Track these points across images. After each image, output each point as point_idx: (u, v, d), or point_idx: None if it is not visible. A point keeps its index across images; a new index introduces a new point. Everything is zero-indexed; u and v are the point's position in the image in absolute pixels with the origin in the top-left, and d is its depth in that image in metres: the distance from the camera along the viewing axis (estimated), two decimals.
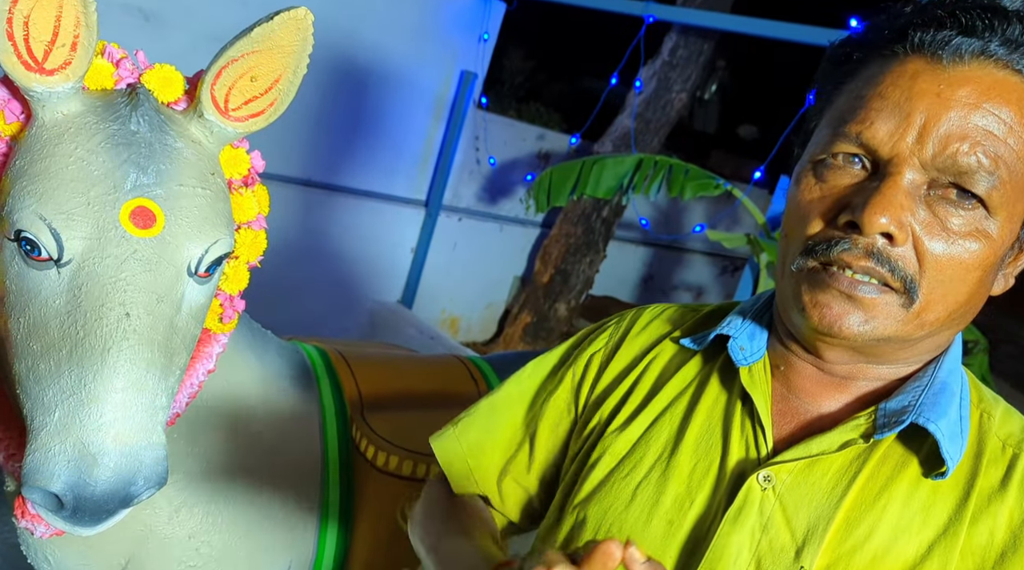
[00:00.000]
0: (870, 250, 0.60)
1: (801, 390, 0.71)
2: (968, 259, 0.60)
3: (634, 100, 3.99)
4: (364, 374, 1.32)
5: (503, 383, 0.91)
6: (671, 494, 0.71)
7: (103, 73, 0.83)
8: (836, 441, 0.65)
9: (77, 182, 0.75)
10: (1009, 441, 0.65)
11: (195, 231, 0.80)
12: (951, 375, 0.67)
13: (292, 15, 0.78)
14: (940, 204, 0.60)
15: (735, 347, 0.73)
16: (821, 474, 0.66)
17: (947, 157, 0.58)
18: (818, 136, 0.67)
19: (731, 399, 0.73)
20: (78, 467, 0.71)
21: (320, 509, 1.20)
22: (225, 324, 0.99)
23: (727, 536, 0.66)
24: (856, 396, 0.69)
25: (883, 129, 0.60)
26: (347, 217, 3.64)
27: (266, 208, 0.99)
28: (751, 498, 0.66)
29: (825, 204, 0.63)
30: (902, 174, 0.59)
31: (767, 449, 0.68)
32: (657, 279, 5.50)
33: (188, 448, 1.05)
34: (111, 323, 0.73)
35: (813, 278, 0.63)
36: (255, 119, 0.86)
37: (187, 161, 0.82)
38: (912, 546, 0.62)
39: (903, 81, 0.60)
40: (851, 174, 0.63)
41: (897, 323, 0.62)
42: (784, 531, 0.65)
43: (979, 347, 2.16)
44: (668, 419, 0.75)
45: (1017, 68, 0.59)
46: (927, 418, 0.63)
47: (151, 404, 0.75)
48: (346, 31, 3.30)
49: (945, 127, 0.58)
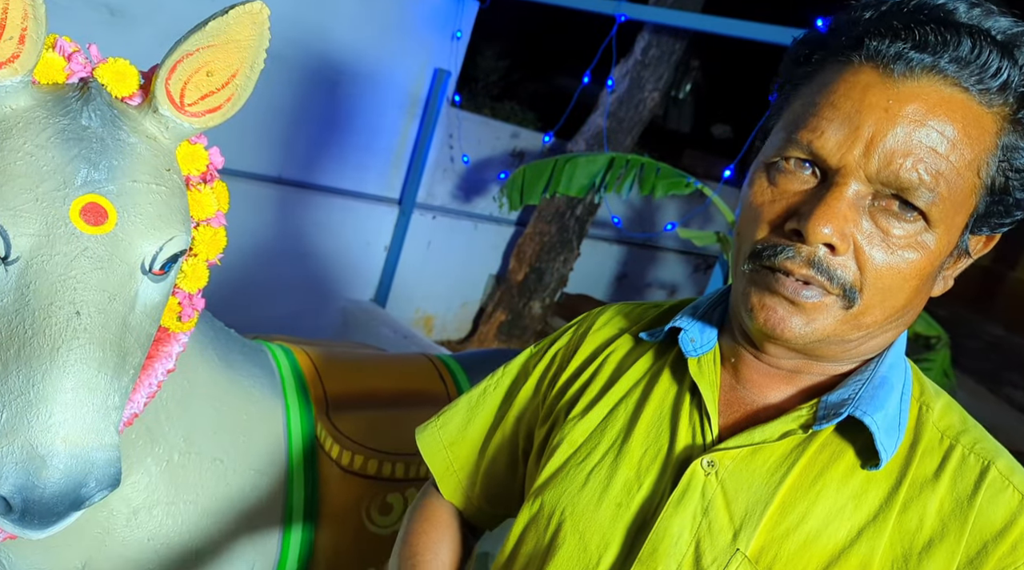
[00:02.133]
0: (811, 259, 0.62)
1: (749, 381, 0.73)
2: (906, 269, 0.63)
3: (607, 99, 4.00)
4: (330, 373, 1.31)
5: (484, 379, 0.96)
6: (621, 479, 0.74)
7: (54, 67, 0.81)
8: (777, 430, 0.68)
9: (25, 178, 0.73)
10: (948, 432, 0.67)
11: (149, 228, 0.79)
12: (892, 370, 0.69)
13: (247, 9, 0.77)
14: (882, 215, 0.62)
15: (686, 339, 0.76)
16: (762, 461, 0.68)
17: (891, 172, 0.60)
18: (774, 138, 0.68)
19: (681, 389, 0.76)
20: (26, 469, 0.69)
21: (284, 509, 1.19)
22: (184, 323, 0.98)
23: (670, 518, 0.68)
24: (800, 388, 0.71)
25: (832, 140, 0.62)
26: (320, 215, 3.61)
27: (226, 205, 0.97)
28: (694, 482, 0.69)
29: (775, 209, 0.66)
30: (847, 185, 0.61)
31: (712, 436, 0.71)
32: (631, 277, 5.53)
33: (148, 448, 1.03)
34: (60, 322, 0.72)
35: (760, 281, 0.66)
36: (212, 114, 0.85)
37: (141, 157, 0.80)
38: (843, 531, 0.64)
39: (855, 92, 0.62)
40: (801, 179, 0.65)
41: (836, 323, 0.64)
42: (723, 514, 0.67)
43: (941, 342, 2.20)
44: (623, 408, 0.78)
45: (965, 86, 0.60)
46: (864, 411, 0.65)
47: (103, 404, 0.73)
48: (319, 28, 3.28)
49: (891, 142, 0.60)
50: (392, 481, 1.25)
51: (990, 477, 0.64)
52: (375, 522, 1.24)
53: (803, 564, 0.64)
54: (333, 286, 3.81)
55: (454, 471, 0.94)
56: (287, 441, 1.20)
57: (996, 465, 0.65)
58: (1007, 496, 0.63)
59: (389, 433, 1.26)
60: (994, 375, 6.19)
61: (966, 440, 0.67)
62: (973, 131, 0.60)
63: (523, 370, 0.93)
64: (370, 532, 1.24)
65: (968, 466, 0.65)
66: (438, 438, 0.95)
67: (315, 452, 1.22)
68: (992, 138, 0.61)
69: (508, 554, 0.81)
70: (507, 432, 0.91)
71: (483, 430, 0.93)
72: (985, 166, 0.62)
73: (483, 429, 0.93)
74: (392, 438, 1.26)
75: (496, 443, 0.92)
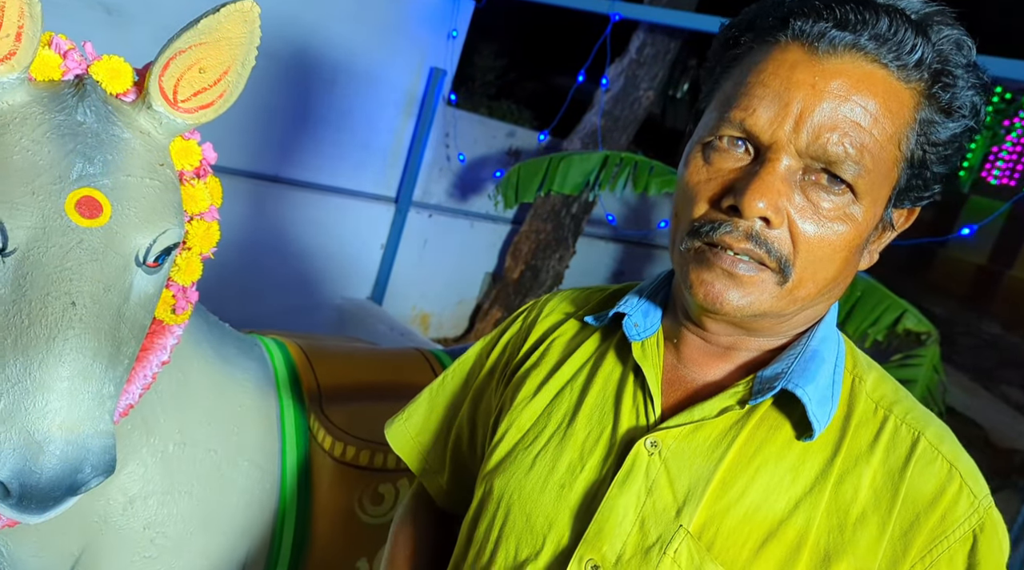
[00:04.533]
0: (749, 233, 0.64)
1: (690, 360, 0.76)
2: (836, 240, 0.65)
3: (601, 98, 4.02)
4: (323, 366, 1.33)
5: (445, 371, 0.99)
6: (565, 461, 0.75)
7: (50, 64, 0.83)
8: (716, 407, 0.70)
9: (22, 172, 0.75)
10: (882, 403, 0.70)
11: (142, 221, 0.81)
12: (823, 343, 0.72)
13: (238, 7, 0.79)
14: (813, 189, 0.65)
15: (629, 324, 0.78)
16: (703, 439, 0.70)
17: (819, 146, 0.63)
18: (707, 118, 0.71)
19: (625, 371, 0.78)
20: (23, 455, 0.71)
21: (278, 499, 1.21)
22: (178, 315, 1.00)
23: (615, 498, 0.70)
24: (738, 365, 0.74)
25: (764, 117, 0.64)
26: (317, 213, 3.63)
27: (219, 200, 0.99)
28: (638, 463, 0.70)
29: (711, 187, 0.68)
30: (780, 160, 0.64)
31: (655, 417, 0.73)
32: (627, 274, 5.55)
33: (143, 439, 1.05)
34: (56, 312, 0.74)
35: (699, 257, 0.68)
36: (204, 110, 0.87)
37: (135, 151, 0.82)
38: (781, 503, 0.66)
39: (783, 71, 0.64)
40: (735, 157, 0.67)
41: (772, 298, 0.66)
42: (667, 492, 0.69)
43: (931, 339, 2.22)
44: (568, 392, 0.80)
45: (884, 62, 0.63)
46: (796, 384, 0.67)
47: (98, 392, 0.75)
48: (315, 27, 3.29)
49: (818, 117, 0.63)
50: (384, 471, 1.27)
51: (920, 448, 0.66)
52: (367, 512, 1.26)
53: (743, 537, 0.65)
54: (330, 284, 3.83)
55: (424, 459, 0.97)
56: (280, 432, 1.22)
57: (925, 435, 0.67)
58: (936, 467, 0.65)
59: (381, 424, 1.27)
60: (990, 373, 6.22)
61: (899, 410, 0.69)
62: (893, 105, 0.63)
63: (478, 359, 0.95)
64: (362, 522, 1.26)
65: (900, 437, 0.67)
66: (405, 430, 0.98)
67: (308, 443, 1.24)
68: (911, 112, 0.64)
69: (464, 539, 0.83)
70: (466, 420, 0.94)
71: (444, 419, 0.96)
72: (905, 140, 0.65)
73: (444, 418, 0.96)
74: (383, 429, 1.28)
75: (456, 431, 0.94)
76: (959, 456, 0.67)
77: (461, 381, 0.96)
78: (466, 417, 0.94)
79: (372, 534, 1.27)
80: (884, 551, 0.63)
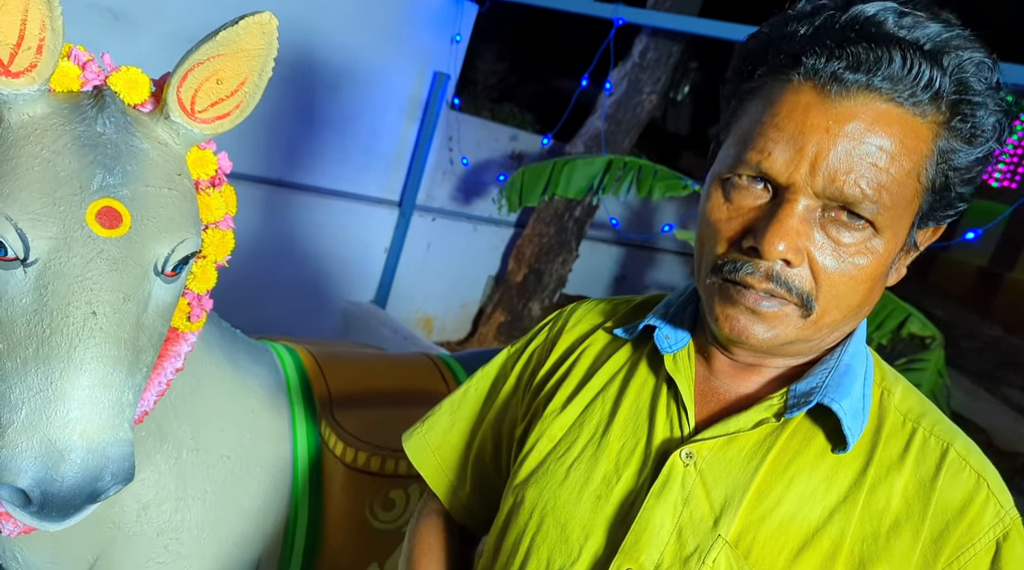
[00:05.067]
0: (770, 274, 0.65)
1: (721, 373, 0.77)
2: (858, 274, 0.66)
3: (605, 102, 4.03)
4: (334, 372, 1.34)
5: (465, 381, 0.98)
6: (600, 472, 0.76)
7: (69, 75, 0.84)
8: (751, 420, 0.71)
9: (43, 183, 0.76)
10: (909, 415, 0.71)
11: (161, 231, 0.82)
12: (855, 358, 0.73)
13: (257, 19, 0.80)
14: (832, 225, 0.65)
15: (661, 336, 0.78)
16: (738, 450, 0.71)
17: (835, 188, 0.63)
18: (725, 152, 0.71)
19: (658, 383, 0.79)
20: (45, 463, 0.72)
21: (290, 505, 1.21)
22: (193, 323, 1.00)
23: (651, 509, 0.70)
24: (769, 379, 0.75)
25: (780, 160, 0.65)
26: (320, 217, 3.64)
27: (234, 208, 1.00)
28: (674, 474, 0.71)
29: (732, 227, 0.69)
30: (797, 201, 0.64)
31: (689, 428, 0.74)
32: (629, 278, 5.56)
33: (157, 446, 1.06)
34: (77, 321, 0.74)
35: (723, 293, 0.69)
36: (221, 121, 0.88)
37: (153, 162, 0.83)
38: (815, 512, 0.67)
39: (797, 114, 0.64)
40: (754, 195, 0.68)
41: (797, 329, 0.68)
42: (704, 503, 0.69)
43: (936, 343, 2.23)
44: (600, 403, 0.81)
45: (899, 101, 0.62)
46: (831, 398, 0.68)
47: (118, 401, 0.76)
48: (319, 33, 3.30)
49: (833, 161, 0.63)
50: (395, 477, 1.28)
51: (949, 458, 0.68)
52: (378, 518, 1.27)
53: (779, 545, 0.66)
54: (333, 287, 3.83)
55: (444, 472, 0.95)
56: (292, 438, 1.22)
57: (954, 446, 0.68)
58: (964, 476, 0.67)
59: (391, 430, 1.28)
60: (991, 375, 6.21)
61: (926, 423, 0.70)
62: (910, 142, 0.63)
63: (502, 370, 0.95)
64: (373, 527, 1.27)
65: (929, 448, 0.68)
66: (425, 442, 0.97)
67: (319, 449, 1.24)
68: (928, 145, 0.64)
69: (491, 550, 0.83)
70: (490, 432, 0.93)
71: (466, 431, 0.95)
72: (924, 172, 0.65)
73: (466, 430, 0.95)
74: (394, 435, 1.28)
75: (480, 443, 0.94)
76: (986, 467, 0.68)
77: (484, 393, 0.95)
78: (490, 430, 0.93)
79: (383, 540, 1.27)
80: (916, 559, 0.64)
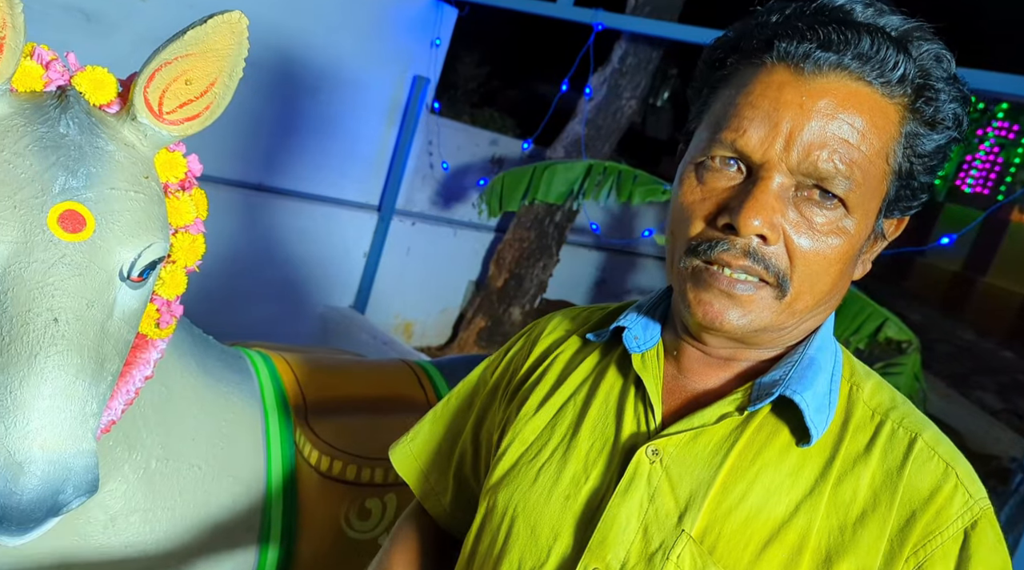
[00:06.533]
0: (746, 250, 0.66)
1: (689, 371, 0.77)
2: (831, 253, 0.67)
3: (585, 107, 4.04)
4: (309, 379, 1.32)
5: (450, 391, 0.99)
6: (570, 473, 0.76)
7: (32, 75, 0.81)
8: (715, 414, 0.71)
9: (3, 185, 0.74)
10: (878, 410, 0.71)
11: (127, 235, 0.79)
12: (820, 352, 0.73)
13: (226, 19, 0.78)
14: (806, 204, 0.66)
15: (630, 337, 0.79)
16: (703, 445, 0.71)
17: (810, 163, 0.64)
18: (698, 138, 0.72)
19: (626, 383, 0.79)
20: (3, 476, 0.69)
21: (263, 515, 1.19)
22: (163, 329, 0.98)
23: (617, 507, 0.71)
24: (736, 373, 0.75)
25: (755, 137, 0.66)
26: (299, 222, 3.60)
27: (204, 212, 0.98)
28: (640, 471, 0.71)
29: (706, 206, 0.69)
30: (772, 178, 0.65)
31: (656, 425, 0.74)
32: (610, 283, 5.57)
33: (125, 455, 1.03)
34: (38, 329, 0.72)
35: (697, 277, 0.69)
36: (190, 122, 0.86)
37: (119, 164, 0.81)
38: (781, 506, 0.67)
39: (771, 92, 0.66)
40: (728, 176, 0.68)
41: (772, 313, 0.68)
42: (669, 499, 0.69)
43: (912, 347, 2.25)
44: (571, 406, 0.81)
45: (868, 80, 0.65)
46: (794, 390, 0.68)
47: (81, 411, 0.74)
48: (298, 35, 3.28)
49: (807, 136, 0.64)
50: (371, 486, 1.26)
51: (917, 448, 0.67)
52: (354, 527, 1.25)
53: (745, 540, 0.66)
54: (312, 292, 3.80)
55: (426, 479, 0.97)
56: (266, 447, 1.20)
57: (923, 436, 0.68)
58: (932, 465, 0.66)
59: (368, 438, 1.27)
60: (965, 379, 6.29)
61: (895, 415, 0.70)
62: (879, 121, 0.65)
63: (481, 378, 0.96)
64: (349, 537, 1.25)
65: (897, 439, 0.68)
66: (408, 451, 0.98)
67: (294, 457, 1.22)
68: (896, 127, 0.66)
69: (467, 554, 0.83)
70: (470, 439, 0.94)
71: (448, 439, 0.97)
72: (892, 153, 0.67)
73: (448, 438, 0.97)
74: (371, 443, 1.26)
75: (460, 450, 0.95)
76: (956, 458, 0.68)
77: (465, 401, 0.96)
78: (470, 436, 0.94)
79: (359, 549, 1.25)
80: (884, 548, 0.64)
